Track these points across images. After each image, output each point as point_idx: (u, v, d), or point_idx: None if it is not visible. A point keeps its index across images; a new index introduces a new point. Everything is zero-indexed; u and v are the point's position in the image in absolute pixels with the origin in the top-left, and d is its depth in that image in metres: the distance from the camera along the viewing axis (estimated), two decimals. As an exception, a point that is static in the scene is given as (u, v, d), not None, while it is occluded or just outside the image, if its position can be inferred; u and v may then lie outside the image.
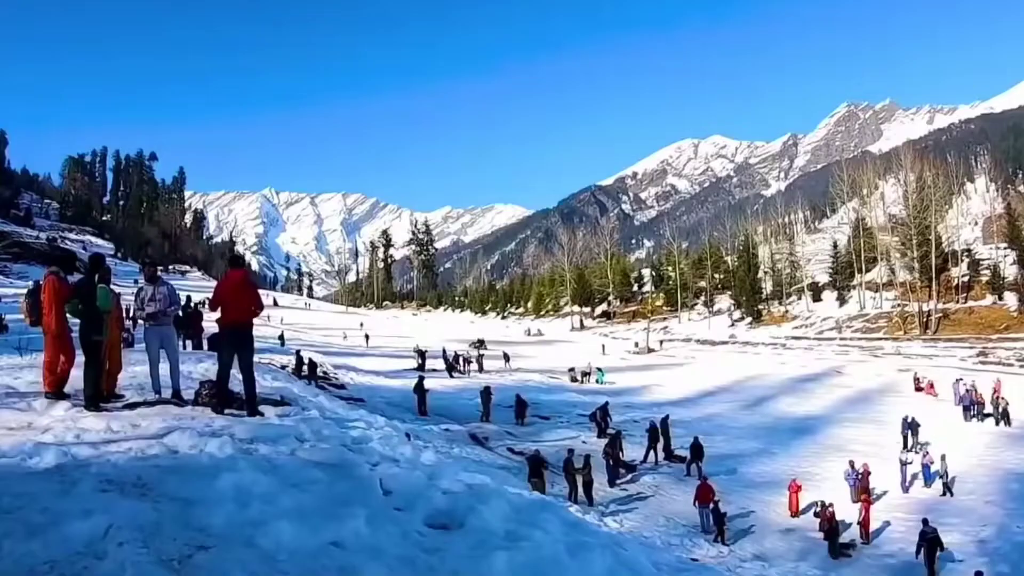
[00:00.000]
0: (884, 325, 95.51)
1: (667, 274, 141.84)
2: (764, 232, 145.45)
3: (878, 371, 72.13)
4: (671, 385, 63.82)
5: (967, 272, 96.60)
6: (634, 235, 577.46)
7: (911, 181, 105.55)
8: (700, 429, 40.63)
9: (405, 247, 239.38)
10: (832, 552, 26.51)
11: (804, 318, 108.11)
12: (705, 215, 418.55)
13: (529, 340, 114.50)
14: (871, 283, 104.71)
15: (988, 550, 26.24)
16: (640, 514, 28.91)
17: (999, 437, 42.94)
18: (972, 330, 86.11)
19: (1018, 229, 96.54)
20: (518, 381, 60.12)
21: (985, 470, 35.86)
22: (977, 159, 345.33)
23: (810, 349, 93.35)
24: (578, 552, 7.61)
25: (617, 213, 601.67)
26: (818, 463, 37.65)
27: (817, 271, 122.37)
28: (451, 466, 13.34)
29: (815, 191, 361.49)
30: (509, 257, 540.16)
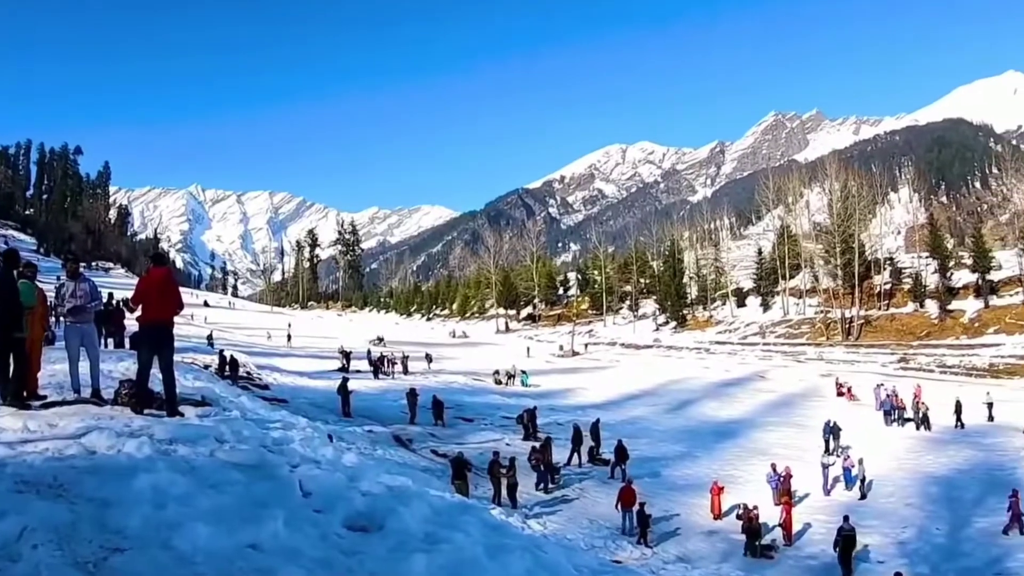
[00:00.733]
0: (807, 331, 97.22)
1: (593, 278, 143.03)
2: (690, 238, 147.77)
3: (801, 376, 73.18)
4: (595, 388, 64.01)
5: (889, 280, 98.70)
6: (561, 238, 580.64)
7: (836, 190, 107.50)
8: (624, 432, 40.68)
9: (331, 247, 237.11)
10: (749, 552, 26.62)
11: (728, 323, 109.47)
12: (632, 220, 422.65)
13: (454, 342, 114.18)
14: (795, 289, 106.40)
15: (908, 551, 26.68)
16: (564, 516, 28.81)
17: (919, 441, 43.79)
18: (894, 336, 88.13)
19: (940, 239, 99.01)
20: (443, 383, 59.77)
21: (905, 473, 36.47)
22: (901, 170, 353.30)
23: (734, 354, 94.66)
24: (497, 554, 7.51)
25: (544, 216, 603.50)
26: (741, 466, 37.97)
27: (742, 277, 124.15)
28: (373, 468, 13.09)
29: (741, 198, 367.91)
30: (435, 259, 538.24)
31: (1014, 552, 25.50)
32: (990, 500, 31.36)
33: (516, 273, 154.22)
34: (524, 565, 7.55)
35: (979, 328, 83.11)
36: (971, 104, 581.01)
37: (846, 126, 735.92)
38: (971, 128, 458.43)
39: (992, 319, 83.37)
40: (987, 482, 33.98)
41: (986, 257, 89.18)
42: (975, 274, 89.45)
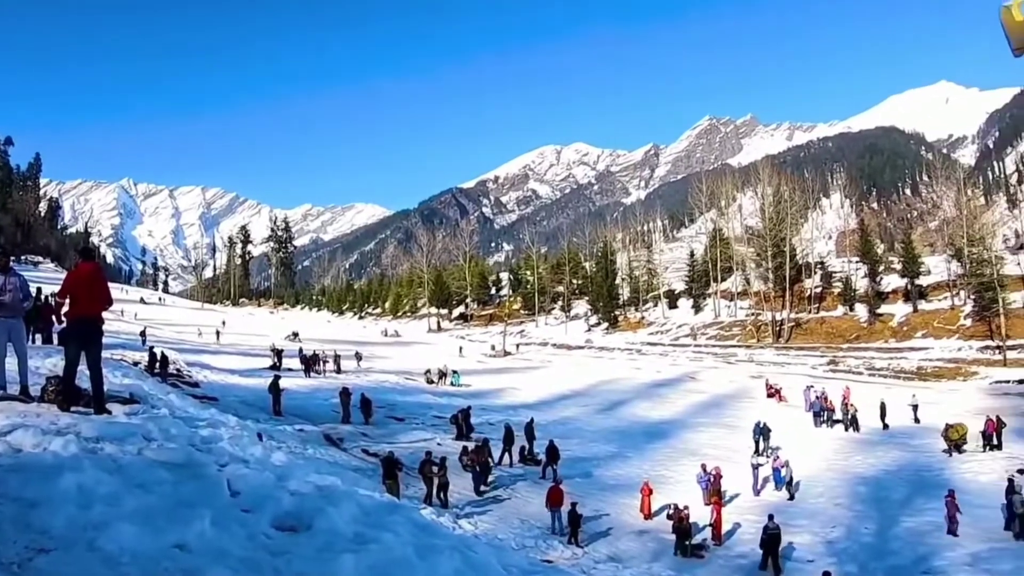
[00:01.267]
0: (738, 333, 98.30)
1: (525, 278, 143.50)
2: (623, 239, 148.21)
3: (731, 377, 73.79)
4: (527, 388, 63.89)
5: (820, 284, 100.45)
6: (494, 238, 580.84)
7: (768, 194, 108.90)
8: (555, 432, 40.63)
9: (264, 244, 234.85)
10: (679, 552, 26.68)
11: (660, 324, 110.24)
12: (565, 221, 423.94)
13: (386, 341, 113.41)
14: (726, 292, 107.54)
15: (836, 550, 27.00)
16: (495, 516, 28.64)
17: (848, 442, 44.59)
18: (823, 339, 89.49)
19: (870, 244, 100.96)
20: (374, 382, 59.06)
21: (834, 474, 37.01)
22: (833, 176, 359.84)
23: (665, 355, 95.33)
24: (427, 554, 7.40)
25: (478, 216, 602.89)
26: (671, 466, 38.11)
27: (674, 279, 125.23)
28: (302, 467, 12.92)
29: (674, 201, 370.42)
30: (368, 257, 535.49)
31: (941, 551, 25.94)
32: (917, 500, 32.04)
33: (449, 272, 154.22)
34: (453, 565, 7.48)
35: (908, 332, 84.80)
36: (903, 113, 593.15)
37: (780, 132, 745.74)
38: (903, 136, 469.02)
39: (920, 323, 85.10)
40: (914, 482, 34.69)
41: (915, 262, 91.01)
42: (904, 279, 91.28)
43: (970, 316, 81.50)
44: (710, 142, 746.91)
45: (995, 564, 24.16)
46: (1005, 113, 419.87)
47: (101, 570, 5.48)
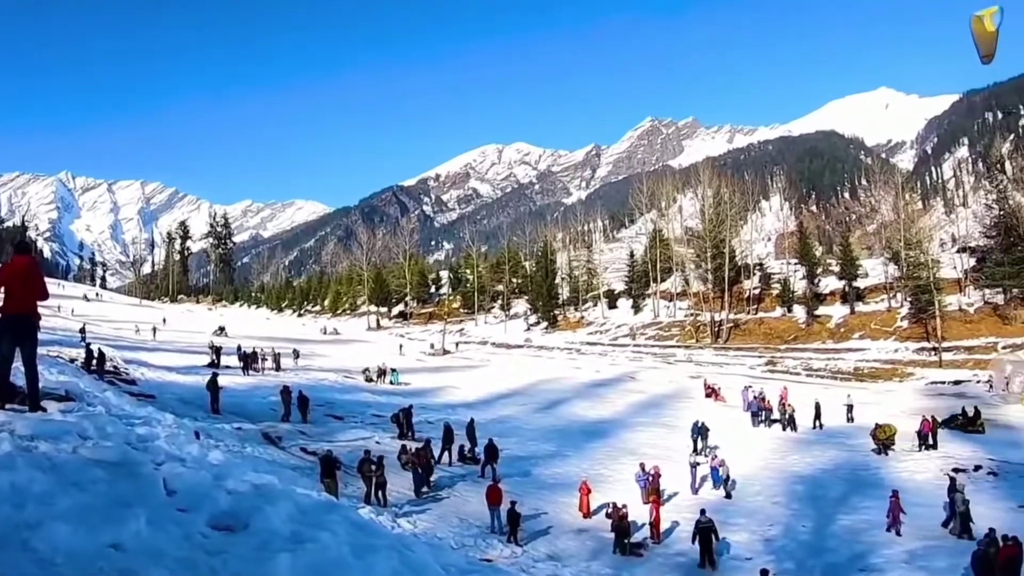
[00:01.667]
0: (677, 333, 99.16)
1: (465, 277, 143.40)
2: (563, 239, 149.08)
3: (670, 377, 74.27)
4: (466, 387, 63.79)
5: (759, 285, 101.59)
6: (434, 237, 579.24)
7: (709, 196, 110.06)
8: (494, 431, 40.40)
9: (203, 240, 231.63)
10: (618, 550, 26.71)
11: (599, 324, 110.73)
12: (506, 220, 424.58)
13: (325, 339, 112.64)
14: (666, 292, 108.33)
15: (774, 548, 27.26)
16: (434, 515, 28.47)
17: (785, 442, 45.10)
18: (762, 340, 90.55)
19: (808, 246, 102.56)
20: (313, 380, 58.61)
21: (772, 473, 37.37)
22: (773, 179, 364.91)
23: (604, 355, 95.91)
24: (364, 554, 7.36)
25: (418, 214, 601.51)
26: (610, 465, 38.18)
27: (614, 279, 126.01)
28: (239, 466, 12.81)
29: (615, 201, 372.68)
30: (308, 254, 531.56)
31: (878, 548, 26.28)
32: (854, 498, 32.50)
33: (389, 271, 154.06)
34: (390, 565, 7.46)
35: (845, 333, 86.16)
36: (844, 117, 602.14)
37: (721, 134, 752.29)
38: (843, 140, 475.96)
39: (858, 324, 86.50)
40: (851, 481, 35.18)
41: (853, 265, 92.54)
42: (842, 281, 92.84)
43: (906, 318, 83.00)
44: (651, 143, 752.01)
45: (931, 561, 24.50)
46: (943, 120, 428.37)
47: (34, 570, 5.39)
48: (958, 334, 78.17)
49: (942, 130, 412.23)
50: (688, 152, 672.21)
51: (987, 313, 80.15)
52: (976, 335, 77.53)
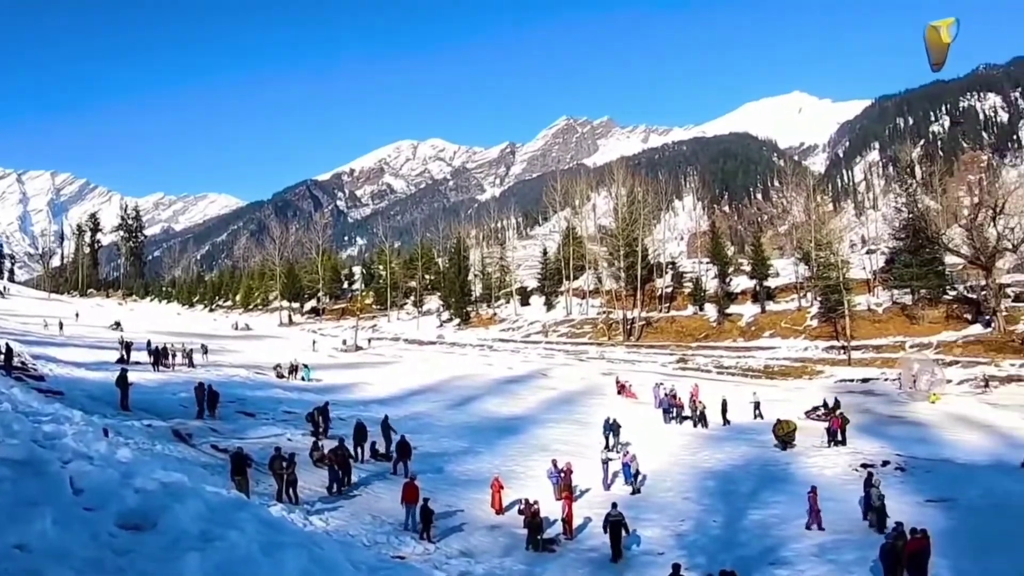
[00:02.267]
0: (589, 330, 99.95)
1: (378, 273, 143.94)
2: (477, 236, 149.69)
3: (582, 374, 74.82)
4: (379, 384, 63.43)
5: (671, 283, 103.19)
6: (347, 232, 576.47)
7: (623, 195, 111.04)
8: (407, 428, 40.18)
9: (114, 232, 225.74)
10: (531, 546, 26.67)
11: (512, 321, 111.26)
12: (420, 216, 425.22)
13: (236, 334, 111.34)
14: (578, 290, 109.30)
15: (686, 543, 27.44)
16: (346, 512, 28.07)
17: (696, 438, 45.67)
18: (673, 338, 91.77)
19: (721, 246, 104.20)
20: (224, 376, 57.72)
21: (683, 469, 37.75)
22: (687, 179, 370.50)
23: (517, 352, 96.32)
24: (273, 552, 7.22)
25: (332, 209, 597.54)
26: (523, 462, 38.20)
27: (526, 276, 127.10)
28: (148, 464, 12.56)
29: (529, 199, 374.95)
30: (220, 248, 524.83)
31: (788, 542, 26.57)
32: (764, 493, 32.95)
33: (301, 266, 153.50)
34: (300, 563, 7.37)
35: (755, 332, 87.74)
36: (758, 120, 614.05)
37: (636, 134, 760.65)
38: (756, 142, 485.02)
39: (768, 323, 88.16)
40: (761, 477, 35.67)
41: (764, 265, 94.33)
42: (753, 280, 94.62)
43: (816, 317, 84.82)
44: (566, 142, 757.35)
45: (840, 554, 24.82)
46: (855, 124, 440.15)
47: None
48: (867, 333, 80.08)
49: (854, 134, 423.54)
50: (603, 151, 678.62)
51: (895, 313, 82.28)
52: (884, 334, 79.51)
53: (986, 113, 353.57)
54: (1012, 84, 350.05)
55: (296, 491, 28.60)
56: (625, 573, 24.94)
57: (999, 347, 73.13)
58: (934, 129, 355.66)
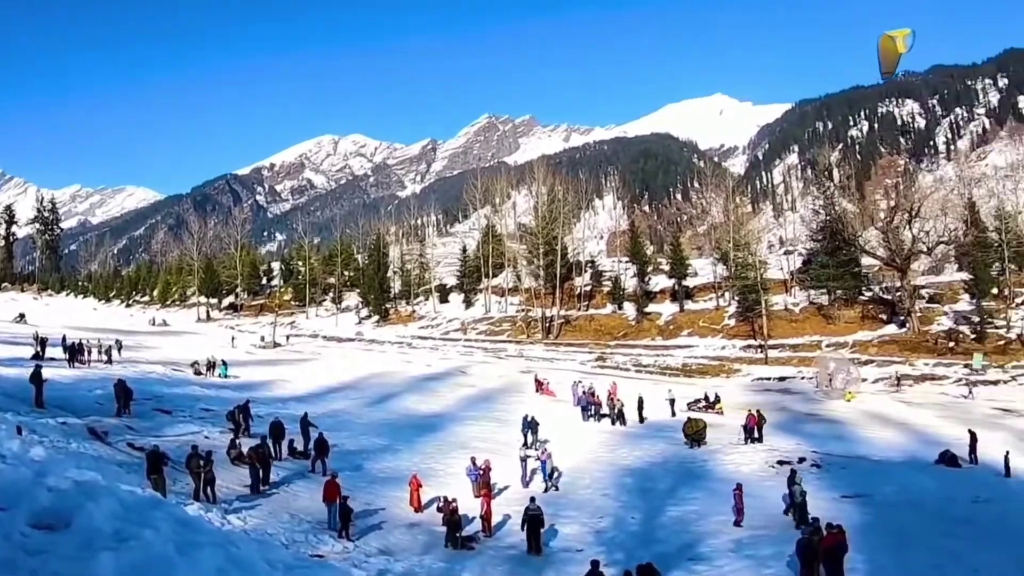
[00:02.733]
0: (508, 328, 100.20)
1: (297, 269, 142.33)
2: (397, 233, 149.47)
3: (501, 372, 75.16)
4: (297, 381, 62.85)
5: (590, 282, 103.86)
6: (267, 227, 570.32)
7: (543, 193, 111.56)
8: (325, 425, 39.78)
9: (29, 225, 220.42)
10: (450, 544, 26.57)
11: (431, 319, 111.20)
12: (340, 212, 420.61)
13: (154, 330, 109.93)
14: (498, 288, 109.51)
15: (605, 539, 27.54)
16: (265, 511, 27.66)
17: (615, 436, 46.12)
18: (592, 336, 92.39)
19: (640, 245, 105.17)
20: (141, 373, 56.69)
21: (601, 466, 38.03)
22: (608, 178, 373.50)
23: (435, 349, 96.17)
24: (188, 551, 7.04)
25: (252, 204, 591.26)
26: (441, 459, 38.19)
27: (446, 274, 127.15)
28: (62, 462, 12.30)
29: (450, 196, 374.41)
30: (138, 242, 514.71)
31: (705, 538, 26.89)
32: (682, 490, 33.39)
33: (220, 261, 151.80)
34: (215, 562, 7.20)
35: (674, 330, 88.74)
36: (679, 121, 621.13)
37: (558, 133, 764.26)
38: (677, 143, 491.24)
39: (686, 322, 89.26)
40: (679, 473, 36.14)
41: (683, 264, 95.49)
42: (672, 280, 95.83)
43: (734, 316, 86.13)
44: (488, 140, 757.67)
45: (757, 549, 25.17)
46: (775, 127, 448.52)
47: None
48: (784, 332, 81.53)
49: (774, 137, 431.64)
50: (524, 149, 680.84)
51: (812, 313, 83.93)
52: (801, 334, 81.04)
53: (904, 119, 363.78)
54: (930, 91, 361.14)
55: (214, 490, 28.15)
56: (544, 569, 24.94)
57: (913, 347, 75.03)
58: (853, 133, 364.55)
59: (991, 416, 53.55)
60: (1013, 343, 73.26)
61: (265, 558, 9.04)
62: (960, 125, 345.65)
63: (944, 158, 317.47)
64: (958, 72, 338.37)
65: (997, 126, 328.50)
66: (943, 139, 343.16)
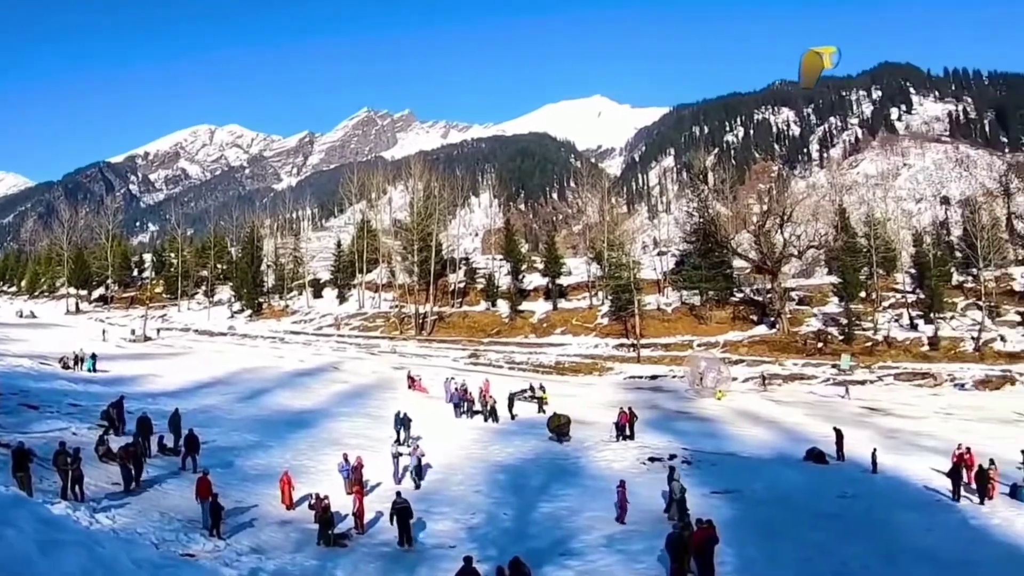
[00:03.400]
0: (382, 324, 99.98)
1: (170, 260, 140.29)
2: (272, 226, 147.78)
3: (374, 368, 74.80)
4: (168, 376, 61.41)
5: (464, 279, 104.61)
6: (140, 217, 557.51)
7: (419, 189, 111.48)
8: (196, 421, 38.99)
9: None
10: (323, 541, 26.29)
11: (304, 313, 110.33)
12: (214, 203, 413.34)
13: (21, 322, 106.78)
14: (372, 283, 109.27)
15: (477, 536, 27.60)
16: (135, 510, 26.86)
17: (487, 432, 46.30)
18: (466, 333, 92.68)
19: (515, 243, 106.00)
20: (6, 367, 55.41)
21: (474, 462, 38.11)
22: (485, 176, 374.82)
23: (309, 344, 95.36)
24: (51, 550, 6.79)
25: (125, 193, 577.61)
26: (314, 456, 37.79)
27: (320, 268, 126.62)
28: None
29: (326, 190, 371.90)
30: (6, 230, 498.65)
31: (577, 534, 27.18)
32: (554, 486, 33.66)
33: (90, 251, 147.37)
34: (78, 561, 6.96)
35: (547, 328, 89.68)
36: (557, 121, 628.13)
37: (436, 129, 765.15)
38: (555, 143, 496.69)
39: (560, 320, 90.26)
40: (551, 470, 36.42)
41: (557, 263, 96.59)
42: (546, 278, 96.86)
43: (607, 315, 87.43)
44: (366, 134, 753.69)
45: (629, 545, 25.57)
46: (653, 130, 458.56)
47: None
48: (656, 332, 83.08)
49: (651, 140, 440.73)
50: (402, 144, 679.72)
51: (684, 313, 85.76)
52: (673, 333, 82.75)
53: (779, 126, 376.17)
54: (805, 100, 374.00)
55: (82, 488, 27.27)
56: (417, 566, 24.82)
57: (783, 347, 77.33)
58: (729, 139, 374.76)
59: (858, 415, 55.58)
60: (879, 344, 76.16)
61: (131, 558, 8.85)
62: (834, 134, 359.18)
63: (817, 165, 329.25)
64: (834, 83, 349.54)
65: (869, 136, 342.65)
66: (817, 147, 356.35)
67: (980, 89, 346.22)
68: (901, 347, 75.93)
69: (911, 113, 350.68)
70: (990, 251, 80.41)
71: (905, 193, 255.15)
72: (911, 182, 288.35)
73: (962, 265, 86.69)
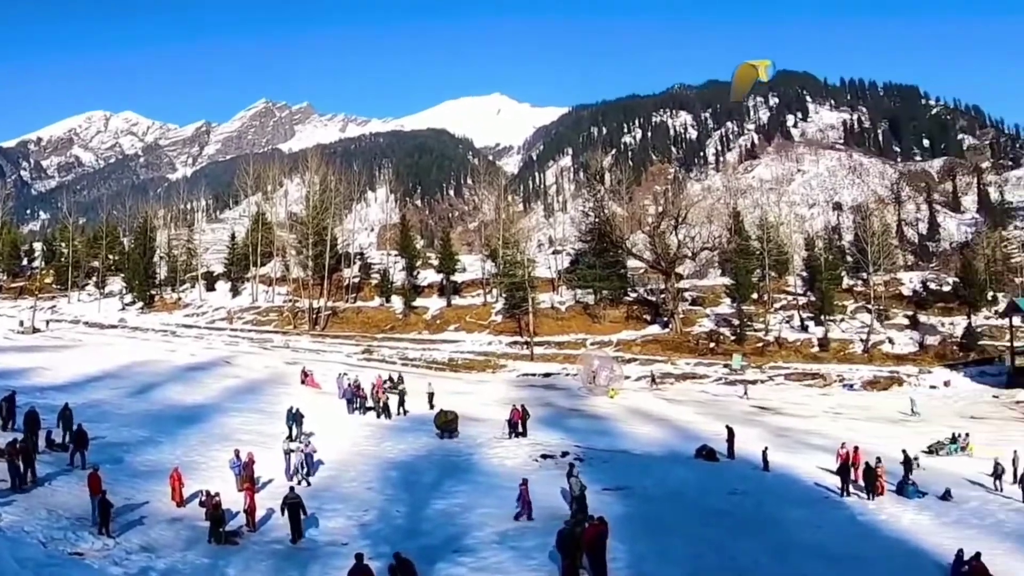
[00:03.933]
0: (275, 318, 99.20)
1: (60, 250, 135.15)
2: (165, 217, 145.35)
3: (267, 363, 73.86)
4: (57, 369, 59.83)
5: (359, 274, 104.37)
6: (31, 205, 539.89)
7: (315, 183, 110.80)
8: (85, 416, 37.93)
9: None
10: (214, 539, 25.95)
11: (196, 307, 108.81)
12: (108, 192, 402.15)
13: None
14: (265, 277, 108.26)
15: (370, 532, 27.49)
16: (21, 507, 26.08)
17: (380, 429, 46.19)
18: (360, 328, 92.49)
19: (410, 239, 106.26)
20: None
21: (366, 459, 38.03)
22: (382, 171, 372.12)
23: (201, 338, 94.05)
24: None
25: (15, 179, 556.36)
26: (205, 452, 37.18)
27: (214, 261, 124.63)
28: None
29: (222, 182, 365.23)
30: None
31: (470, 530, 27.29)
32: (447, 483, 33.78)
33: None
34: None
35: (441, 325, 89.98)
36: (456, 118, 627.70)
37: (334, 123, 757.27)
38: (453, 140, 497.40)
39: (454, 317, 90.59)
40: (444, 467, 36.60)
41: (452, 260, 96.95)
42: (441, 275, 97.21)
43: (501, 313, 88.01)
44: (263, 125, 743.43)
45: (521, 541, 25.82)
46: (551, 129, 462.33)
47: None
48: (550, 330, 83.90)
49: (549, 139, 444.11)
50: (300, 137, 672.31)
51: (578, 312, 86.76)
52: (567, 331, 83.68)
53: (677, 129, 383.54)
54: (704, 104, 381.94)
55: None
56: (309, 563, 24.61)
57: (676, 346, 78.82)
58: (626, 140, 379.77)
59: (749, 413, 57.15)
60: (771, 345, 78.22)
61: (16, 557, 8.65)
62: (730, 139, 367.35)
63: (713, 169, 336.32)
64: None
65: (765, 142, 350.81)
66: (713, 151, 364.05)
67: (875, 99, 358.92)
68: (792, 348, 78.15)
69: (807, 121, 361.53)
70: (880, 256, 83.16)
71: (799, 198, 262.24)
72: (805, 188, 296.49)
73: (853, 269, 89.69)
